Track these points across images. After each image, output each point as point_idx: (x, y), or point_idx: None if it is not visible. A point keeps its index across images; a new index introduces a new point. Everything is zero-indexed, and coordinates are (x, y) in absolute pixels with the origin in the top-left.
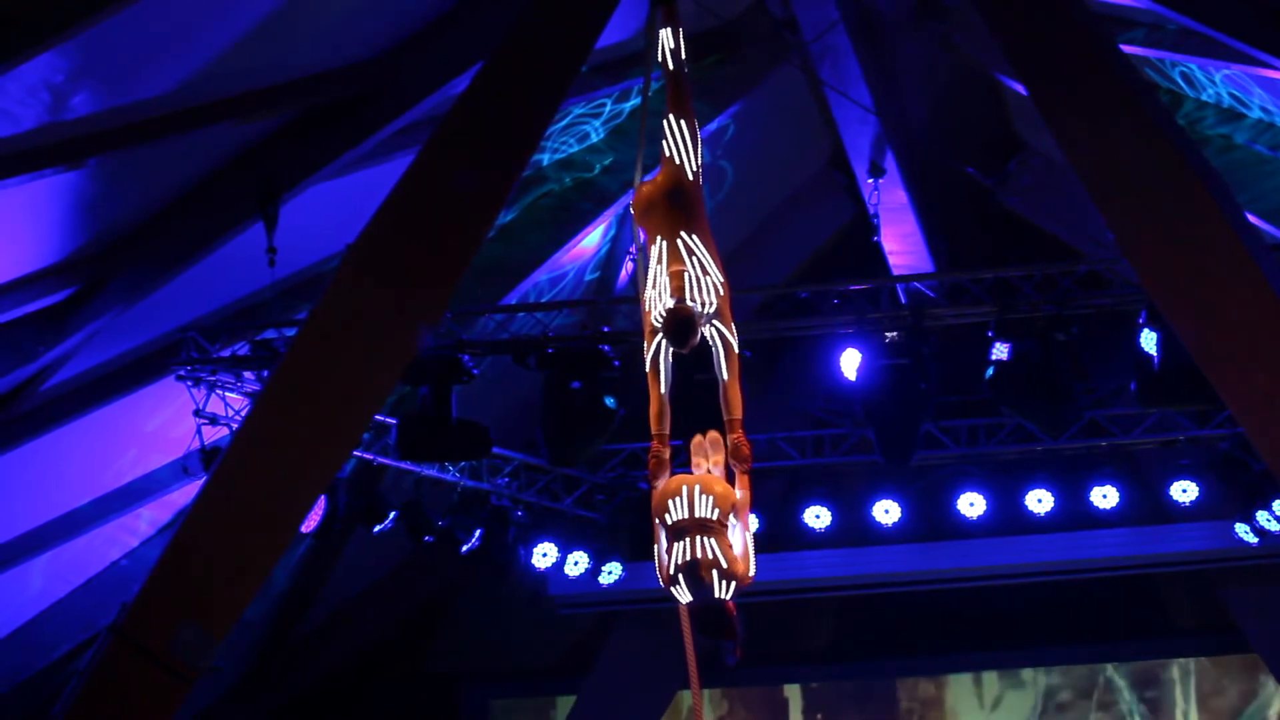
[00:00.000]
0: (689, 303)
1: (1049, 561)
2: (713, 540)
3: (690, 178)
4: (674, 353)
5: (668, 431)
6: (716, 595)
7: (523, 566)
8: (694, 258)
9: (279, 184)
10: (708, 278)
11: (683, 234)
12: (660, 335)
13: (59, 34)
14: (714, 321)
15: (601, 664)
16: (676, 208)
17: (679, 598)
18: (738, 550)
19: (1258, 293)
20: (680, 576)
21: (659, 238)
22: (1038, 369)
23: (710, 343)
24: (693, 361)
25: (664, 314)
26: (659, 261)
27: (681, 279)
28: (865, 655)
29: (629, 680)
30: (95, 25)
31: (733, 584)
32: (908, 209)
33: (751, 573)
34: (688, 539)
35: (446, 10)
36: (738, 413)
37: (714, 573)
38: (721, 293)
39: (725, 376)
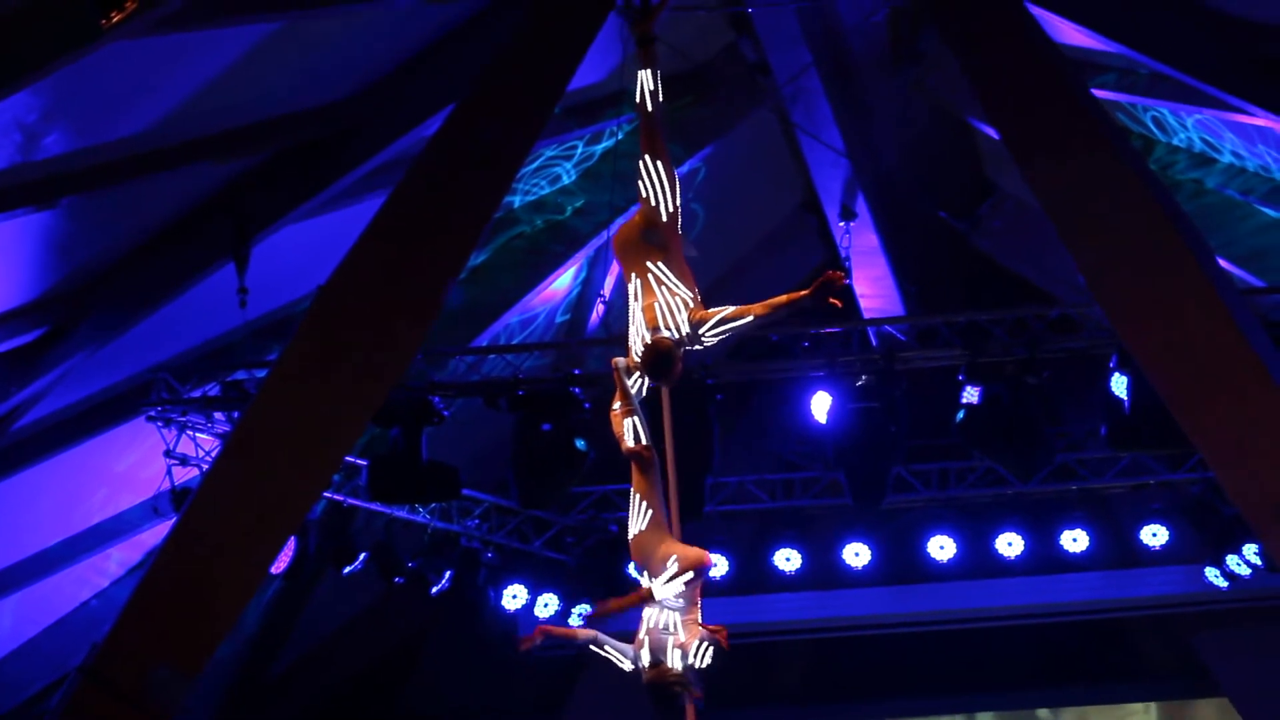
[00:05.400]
0: (664, 333)
1: (1019, 605)
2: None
3: (665, 218)
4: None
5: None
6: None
7: (493, 608)
8: (662, 285)
9: (250, 225)
10: (676, 298)
11: (649, 265)
12: (640, 372)
13: (32, 74)
14: (700, 333)
15: (572, 706)
16: (651, 247)
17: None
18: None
19: (1228, 337)
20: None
21: (634, 275)
22: (1008, 412)
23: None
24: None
25: (643, 349)
26: (635, 299)
27: (654, 310)
28: (835, 697)
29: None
30: (68, 65)
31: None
32: (879, 252)
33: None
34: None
35: (419, 52)
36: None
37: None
38: (692, 304)
39: (753, 312)
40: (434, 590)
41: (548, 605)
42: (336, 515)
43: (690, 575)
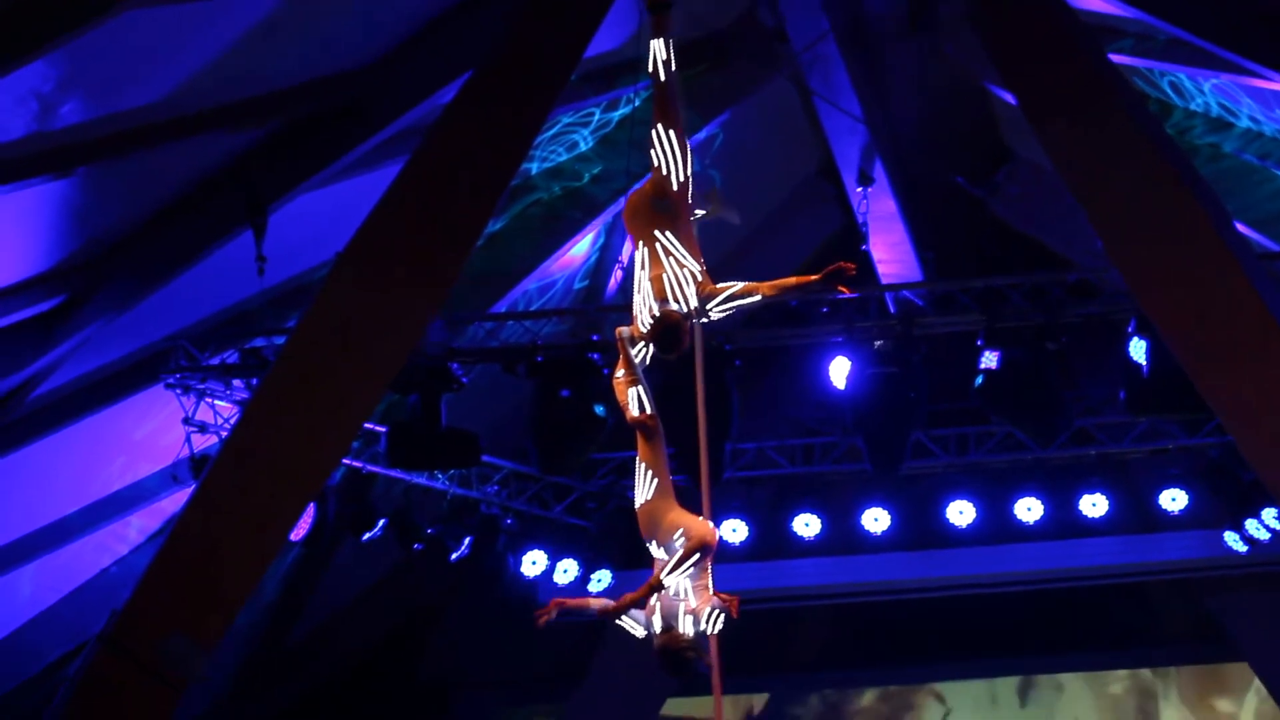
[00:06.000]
0: (673, 305)
1: (1038, 570)
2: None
3: (675, 187)
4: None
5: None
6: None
7: (512, 575)
8: (670, 257)
9: (268, 193)
10: (684, 270)
11: (658, 235)
12: (647, 342)
13: (48, 43)
14: (708, 307)
15: (592, 672)
16: (661, 215)
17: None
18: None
19: (1246, 301)
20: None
21: (642, 244)
22: (1027, 377)
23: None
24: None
25: (651, 320)
26: (642, 267)
27: (662, 282)
28: (854, 662)
29: (620, 688)
30: (84, 35)
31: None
32: (896, 218)
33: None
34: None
35: (434, 19)
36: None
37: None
38: (699, 278)
39: (761, 291)
40: (453, 557)
41: (567, 571)
42: (355, 482)
43: (697, 557)
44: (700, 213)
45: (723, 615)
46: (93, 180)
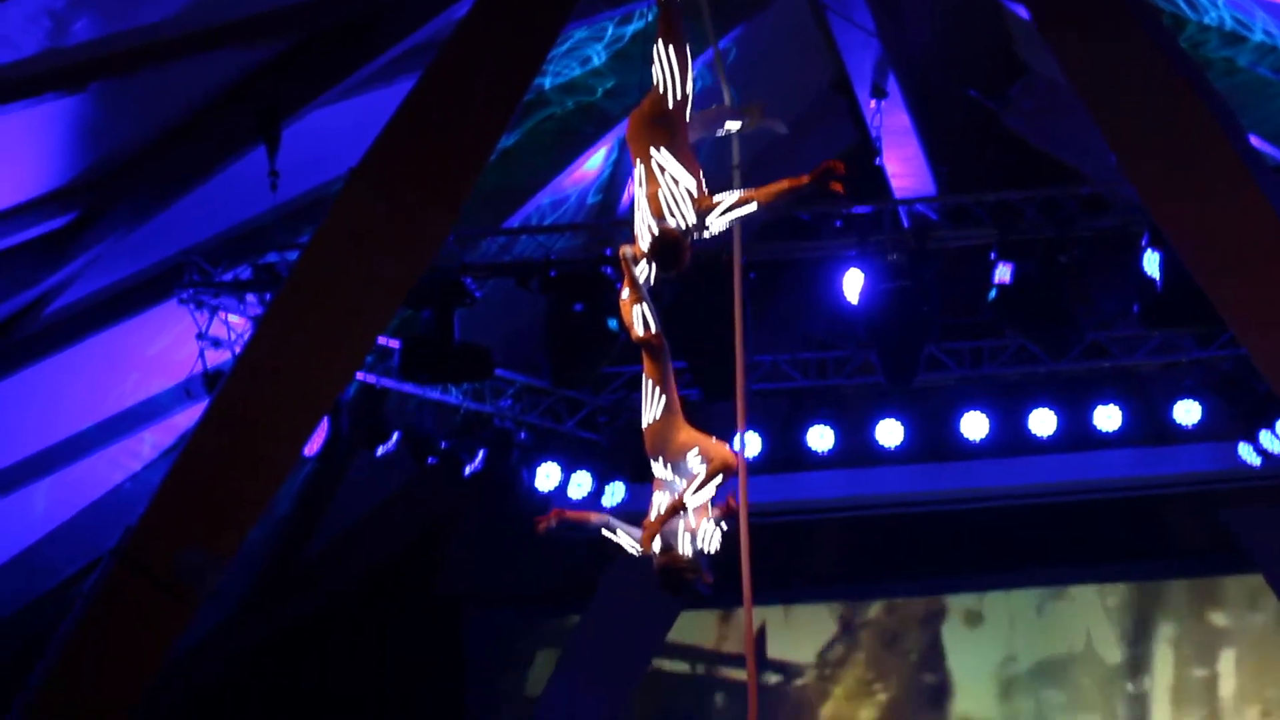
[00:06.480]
0: (670, 221)
1: (1051, 482)
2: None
3: (672, 105)
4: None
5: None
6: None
7: (526, 488)
8: (666, 174)
9: (280, 108)
10: (679, 186)
11: (653, 151)
12: (647, 261)
13: None
14: (705, 221)
15: (605, 585)
16: (657, 132)
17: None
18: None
19: (1260, 214)
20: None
21: (640, 161)
22: (1040, 291)
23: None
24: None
25: (651, 237)
26: (640, 185)
27: (658, 200)
28: (867, 575)
29: (633, 601)
30: None
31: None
32: (910, 132)
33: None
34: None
35: None
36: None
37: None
38: (695, 194)
39: (756, 198)
40: (467, 471)
41: (581, 485)
42: (369, 397)
43: (720, 479)
44: (733, 126)
45: (720, 534)
46: (105, 97)
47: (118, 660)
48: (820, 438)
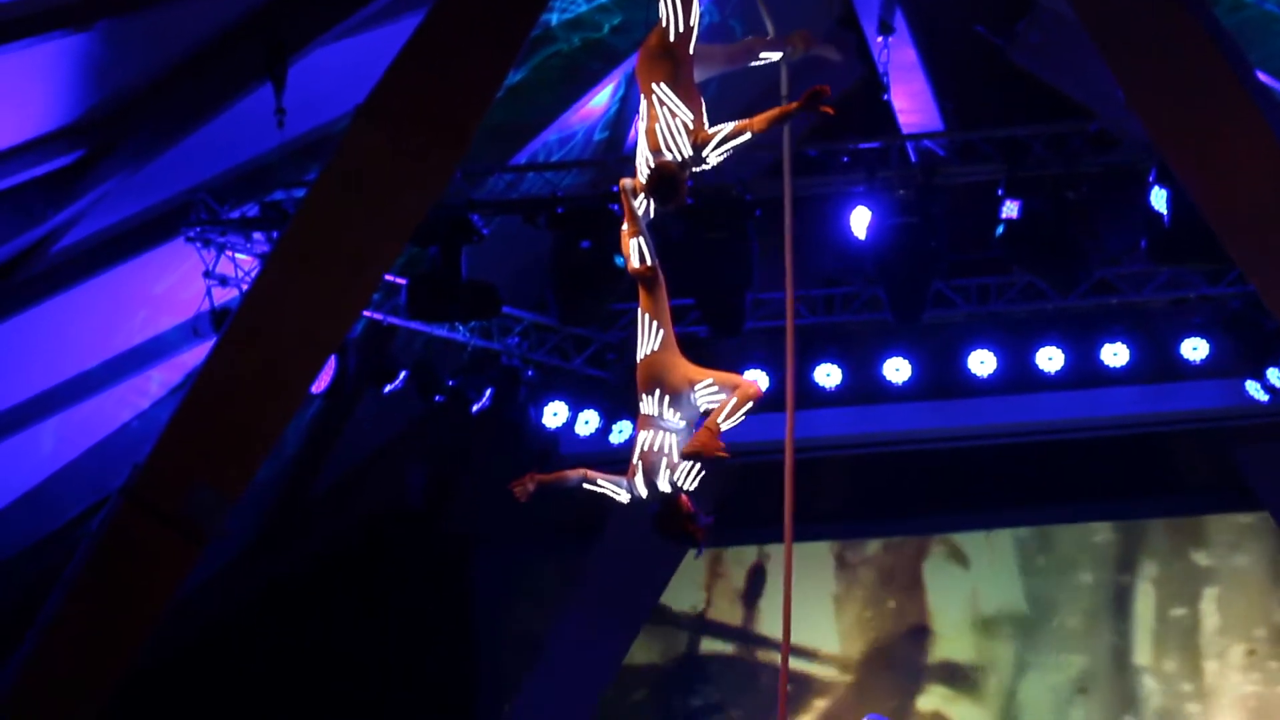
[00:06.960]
0: (667, 155)
1: (1059, 419)
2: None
3: (674, 38)
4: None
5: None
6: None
7: (534, 426)
8: (664, 107)
9: (287, 45)
10: (676, 119)
11: (654, 86)
12: (645, 194)
13: None
14: (703, 154)
15: (613, 522)
16: (661, 66)
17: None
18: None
19: (1268, 151)
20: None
21: (644, 96)
22: (1048, 227)
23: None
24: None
25: (647, 172)
26: (641, 119)
27: (655, 133)
28: (875, 512)
29: (640, 538)
30: None
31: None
32: (917, 67)
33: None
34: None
35: None
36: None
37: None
38: (692, 126)
39: (751, 127)
40: (474, 409)
41: (588, 423)
42: (376, 334)
43: (750, 406)
44: (772, 56)
45: (701, 469)
46: (112, 34)
47: (125, 599)
48: (828, 375)
